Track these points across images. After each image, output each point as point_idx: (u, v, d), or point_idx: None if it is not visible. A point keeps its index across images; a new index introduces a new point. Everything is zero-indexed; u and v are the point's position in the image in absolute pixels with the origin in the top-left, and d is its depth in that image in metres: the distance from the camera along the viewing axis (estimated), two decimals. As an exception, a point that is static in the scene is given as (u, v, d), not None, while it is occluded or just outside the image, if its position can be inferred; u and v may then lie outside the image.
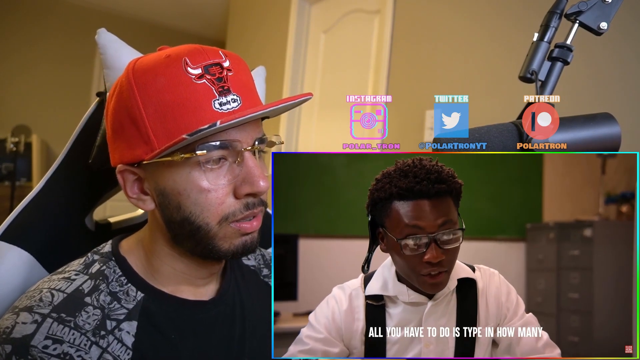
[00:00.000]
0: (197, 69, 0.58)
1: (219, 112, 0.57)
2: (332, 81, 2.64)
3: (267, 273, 0.80)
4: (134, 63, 0.60)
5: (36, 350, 0.54)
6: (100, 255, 0.65)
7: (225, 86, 0.59)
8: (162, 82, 0.57)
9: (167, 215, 0.61)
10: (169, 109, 0.57)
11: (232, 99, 0.59)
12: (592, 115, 0.54)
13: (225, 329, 0.68)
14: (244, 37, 3.24)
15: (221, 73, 0.59)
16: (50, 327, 0.55)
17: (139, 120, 0.58)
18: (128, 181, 0.62)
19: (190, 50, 0.60)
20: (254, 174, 0.59)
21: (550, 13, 0.58)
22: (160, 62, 0.59)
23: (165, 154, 0.56)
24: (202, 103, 0.57)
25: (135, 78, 0.58)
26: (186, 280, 0.66)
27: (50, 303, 0.58)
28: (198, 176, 0.58)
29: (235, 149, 0.59)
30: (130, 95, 0.58)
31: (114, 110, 0.61)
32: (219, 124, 0.53)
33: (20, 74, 3.94)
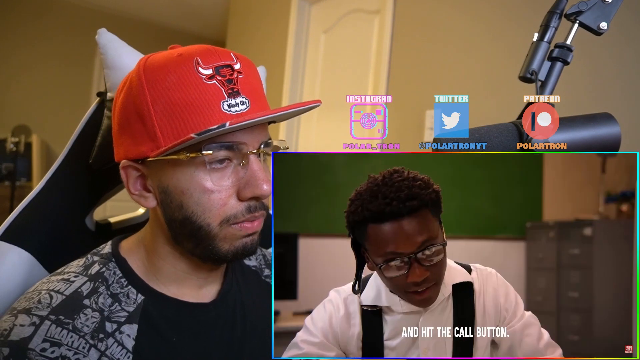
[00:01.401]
0: (208, 69, 0.58)
1: (227, 114, 0.57)
2: (332, 81, 2.64)
3: (268, 273, 0.80)
4: (145, 59, 0.61)
5: (34, 353, 0.53)
6: (100, 257, 0.65)
7: (235, 88, 0.59)
8: (172, 80, 0.57)
9: (169, 213, 0.61)
10: (177, 108, 0.57)
11: (241, 101, 0.59)
12: (592, 115, 0.54)
13: (225, 330, 0.68)
14: (244, 37, 3.24)
15: (232, 75, 0.59)
16: (48, 330, 0.55)
17: (146, 117, 0.58)
18: (131, 177, 0.62)
19: (202, 50, 0.60)
20: (258, 177, 0.59)
21: (550, 13, 0.58)
22: (171, 60, 0.59)
23: (171, 152, 0.56)
24: (211, 103, 0.57)
25: (146, 74, 0.58)
26: (188, 280, 0.66)
27: (49, 305, 0.57)
28: (202, 176, 0.58)
29: (241, 151, 0.59)
30: (139, 91, 0.58)
31: (122, 105, 0.61)
32: (228, 125, 0.53)
33: (21, 74, 3.94)
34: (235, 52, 0.62)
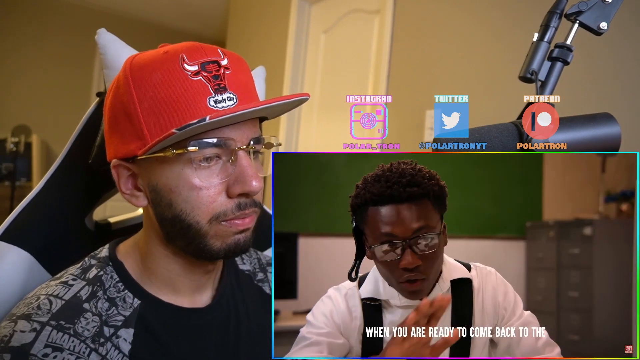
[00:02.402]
0: (193, 65, 0.58)
1: (213, 109, 0.57)
2: (332, 81, 2.63)
3: (261, 277, 0.80)
4: (132, 58, 0.60)
5: (36, 359, 0.53)
6: (97, 260, 0.65)
7: (221, 84, 0.58)
8: (157, 78, 0.57)
9: (159, 212, 0.61)
10: (163, 105, 0.57)
11: (227, 97, 0.58)
12: (592, 115, 0.54)
13: (220, 334, 0.68)
14: (244, 37, 3.24)
15: (218, 71, 0.59)
16: (49, 335, 0.55)
17: (133, 115, 0.58)
18: (122, 176, 0.62)
19: (188, 47, 0.59)
20: (247, 174, 0.58)
21: (550, 13, 0.58)
22: (157, 58, 0.59)
23: (157, 149, 0.56)
24: (197, 100, 0.57)
25: (132, 73, 0.58)
26: (181, 282, 0.66)
27: (49, 311, 0.57)
28: (190, 173, 0.58)
29: (229, 147, 0.59)
30: (126, 90, 0.58)
31: (110, 105, 0.61)
32: (209, 119, 0.53)
33: (21, 74, 3.94)
34: (223, 49, 0.62)
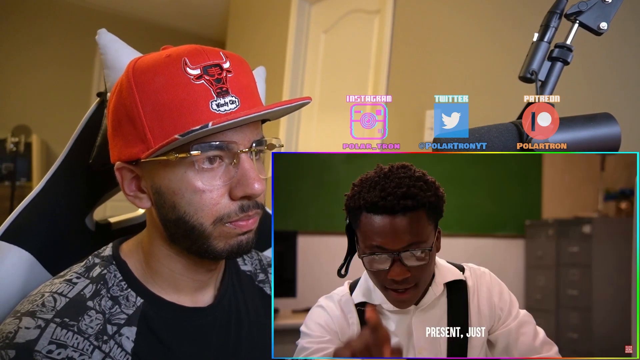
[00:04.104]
0: (196, 69, 0.58)
1: (215, 113, 0.57)
2: (332, 81, 2.63)
3: (262, 278, 0.80)
4: (134, 62, 0.61)
5: (40, 355, 0.53)
6: (101, 259, 0.65)
7: (224, 87, 0.58)
8: (160, 82, 0.57)
9: (163, 214, 0.61)
10: (166, 109, 0.57)
11: (230, 100, 0.59)
12: (592, 115, 0.54)
13: (221, 334, 0.68)
14: (244, 37, 3.24)
15: (220, 74, 0.59)
16: (54, 332, 0.55)
17: (136, 119, 0.58)
18: (126, 179, 0.63)
19: (190, 50, 0.60)
20: (249, 176, 0.59)
21: (550, 13, 0.58)
22: (160, 61, 0.59)
23: (161, 153, 0.56)
24: (200, 104, 0.57)
25: (134, 77, 0.59)
26: (184, 282, 0.66)
27: (53, 308, 0.58)
28: (193, 176, 0.58)
29: (232, 150, 0.59)
30: (129, 93, 0.58)
31: (113, 108, 0.62)
32: (211, 125, 0.53)
33: (21, 75, 3.94)
34: (226, 51, 0.62)
